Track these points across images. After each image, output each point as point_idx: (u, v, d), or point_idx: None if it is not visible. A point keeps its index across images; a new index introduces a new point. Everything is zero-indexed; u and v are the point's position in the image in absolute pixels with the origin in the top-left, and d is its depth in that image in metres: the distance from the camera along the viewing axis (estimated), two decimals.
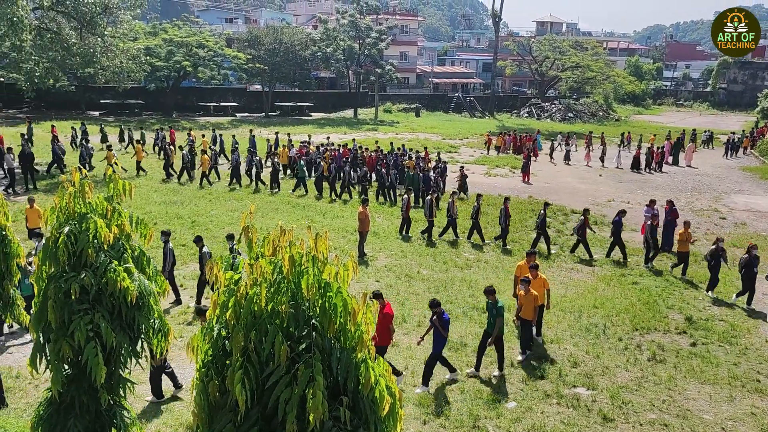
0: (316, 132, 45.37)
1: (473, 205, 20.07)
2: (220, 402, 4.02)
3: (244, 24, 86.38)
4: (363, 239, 18.15)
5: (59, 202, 6.08)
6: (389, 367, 4.32)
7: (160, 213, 21.44)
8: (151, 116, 52.70)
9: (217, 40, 55.31)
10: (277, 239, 4.16)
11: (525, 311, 12.30)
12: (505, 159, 37.46)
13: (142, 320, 6.19)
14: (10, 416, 9.58)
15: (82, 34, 34.03)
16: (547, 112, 67.12)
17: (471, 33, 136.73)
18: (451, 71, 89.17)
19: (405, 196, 20.51)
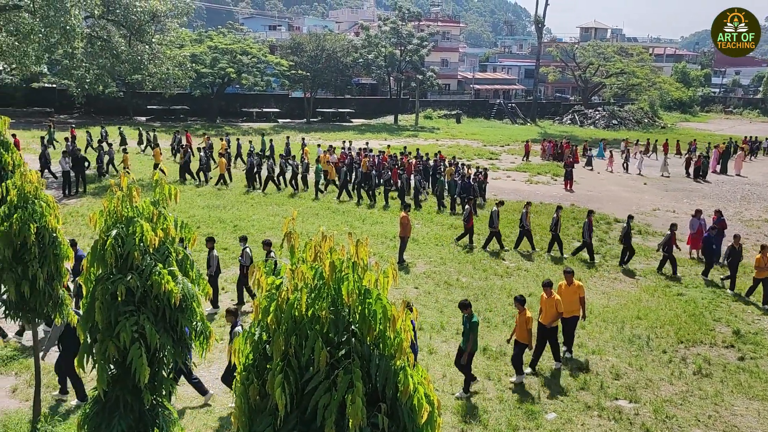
0: (356, 138, 45.62)
1: (552, 217, 19.48)
2: (260, 405, 4.06)
3: (288, 31, 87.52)
4: (404, 245, 18.12)
5: (107, 205, 6.25)
6: (428, 375, 4.31)
7: (203, 217, 21.82)
8: (196, 122, 53.72)
9: (260, 47, 56.16)
10: (319, 245, 4.20)
11: (519, 333, 11.39)
12: (547, 166, 37.04)
13: (185, 322, 6.31)
14: (57, 414, 9.84)
15: (131, 42, 34.96)
16: (590, 119, 66.15)
17: (513, 39, 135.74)
18: (493, 77, 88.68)
19: (467, 207, 20.11)
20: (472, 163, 34.67)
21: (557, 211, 19.58)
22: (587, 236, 18.65)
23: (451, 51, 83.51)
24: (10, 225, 8.09)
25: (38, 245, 8.28)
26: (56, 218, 8.58)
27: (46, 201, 8.53)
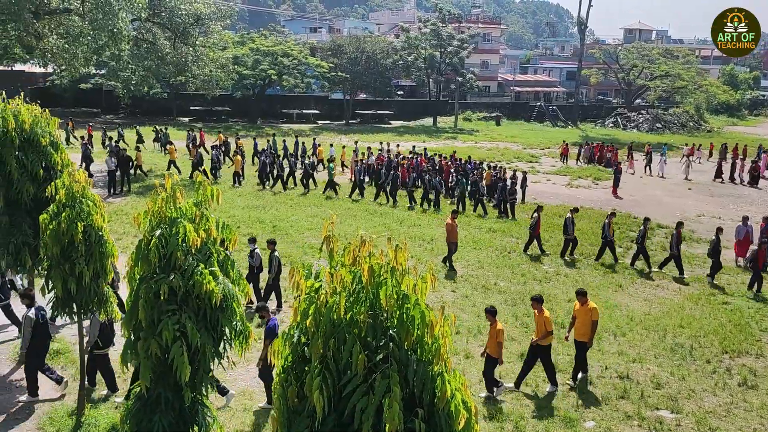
0: (395, 140, 45.67)
1: (639, 230, 18.70)
2: (298, 407, 4.10)
3: (328, 33, 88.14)
4: (450, 251, 17.79)
5: (152, 206, 6.39)
6: (465, 381, 4.29)
7: (243, 217, 22.11)
8: (237, 123, 54.50)
9: (301, 49, 56.71)
10: (357, 249, 4.22)
11: (490, 347, 10.83)
12: (587, 170, 36.51)
13: (225, 322, 6.41)
14: (101, 408, 10.09)
15: (176, 44, 35.68)
16: (633, 122, 64.97)
17: (555, 41, 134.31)
18: (534, 80, 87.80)
19: (535, 215, 19.40)
20: (512, 166, 34.38)
21: (645, 223, 18.78)
22: (675, 248, 17.84)
23: (491, 53, 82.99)
24: (58, 223, 8.32)
25: (85, 243, 8.50)
26: (102, 217, 8.80)
27: (92, 200, 8.76)
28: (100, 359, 10.52)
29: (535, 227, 19.30)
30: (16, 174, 10.20)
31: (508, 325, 13.91)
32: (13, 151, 10.24)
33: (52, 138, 10.85)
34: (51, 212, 8.49)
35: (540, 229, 19.72)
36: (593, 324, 11.34)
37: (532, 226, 19.39)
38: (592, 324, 11.33)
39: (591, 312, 11.33)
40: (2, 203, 10.49)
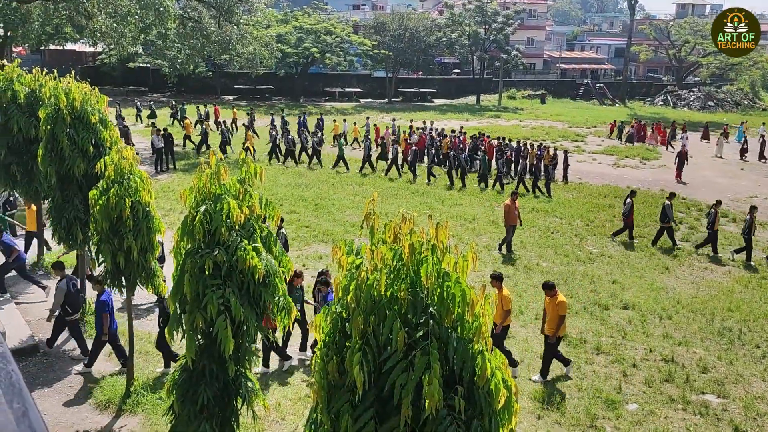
0: (437, 118, 45.35)
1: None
2: (338, 382, 4.15)
3: (371, 10, 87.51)
4: (509, 233, 17.11)
5: (197, 182, 6.50)
6: (506, 360, 4.27)
7: (286, 195, 22.32)
8: (280, 101, 54.83)
9: (344, 27, 56.53)
10: (398, 227, 4.21)
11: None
12: (635, 149, 35.65)
13: (268, 297, 6.50)
14: (150, 379, 10.40)
15: (220, 23, 35.94)
16: (684, 100, 63.00)
17: (603, 16, 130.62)
18: (580, 56, 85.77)
19: (628, 201, 18.52)
20: (557, 145, 33.82)
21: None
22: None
23: (537, 29, 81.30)
24: (107, 199, 8.53)
25: (133, 219, 8.70)
26: (149, 193, 8.99)
27: (140, 177, 8.95)
28: (71, 325, 11.03)
29: (629, 214, 18.38)
30: (68, 150, 10.46)
31: None
32: (64, 128, 10.50)
33: (101, 115, 11.09)
34: (101, 188, 8.70)
35: (633, 216, 18.67)
36: (560, 319, 10.51)
37: (625, 213, 18.49)
38: (559, 319, 10.51)
39: (558, 306, 10.52)
40: (55, 179, 10.79)
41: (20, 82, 13.17)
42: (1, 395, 0.70)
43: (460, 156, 25.87)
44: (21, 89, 13.02)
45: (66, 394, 10.05)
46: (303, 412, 9.54)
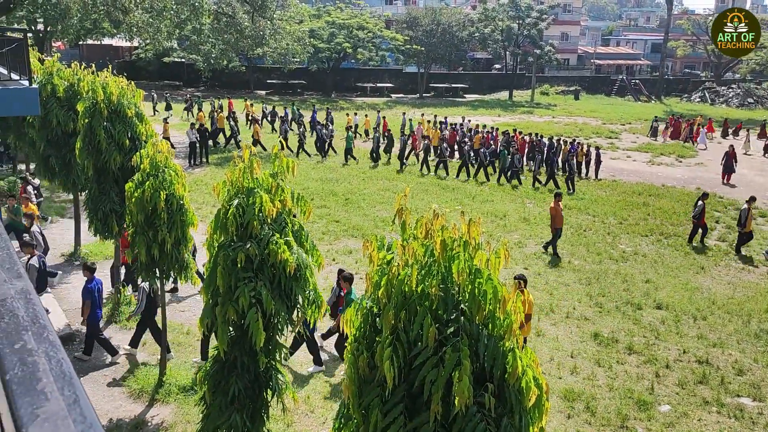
0: (469, 114, 45.12)
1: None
2: (369, 376, 4.16)
3: (404, 5, 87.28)
4: (555, 237, 16.63)
5: (230, 176, 6.57)
6: (537, 358, 4.24)
7: (317, 189, 22.43)
8: (312, 96, 55.07)
9: (376, 22, 56.51)
10: (430, 222, 4.20)
11: None
12: (670, 147, 35.02)
13: (299, 291, 6.55)
14: (182, 368, 10.56)
15: (254, 18, 36.26)
16: (722, 96, 61.66)
17: (640, 11, 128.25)
18: (615, 52, 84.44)
19: (700, 203, 17.90)
20: (590, 141, 33.39)
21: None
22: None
23: (571, 24, 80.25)
24: (142, 192, 8.67)
25: (167, 211, 8.83)
26: (183, 186, 9.11)
27: (174, 170, 9.08)
28: None
29: (700, 216, 17.86)
30: (105, 144, 10.66)
31: (581, 304, 13.64)
32: (101, 122, 10.70)
33: (137, 109, 11.27)
34: (136, 181, 8.85)
35: (705, 219, 18.22)
36: (527, 318, 10.08)
37: (696, 216, 17.96)
38: (526, 317, 10.02)
39: (524, 304, 9.87)
40: (92, 171, 11.01)
41: (59, 77, 13.45)
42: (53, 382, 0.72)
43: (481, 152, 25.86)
44: (60, 83, 13.31)
45: (101, 383, 10.26)
46: (332, 406, 9.60)
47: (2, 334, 0.81)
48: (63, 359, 0.78)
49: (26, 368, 0.73)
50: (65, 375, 0.73)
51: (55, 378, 0.71)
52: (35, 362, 0.74)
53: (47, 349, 0.76)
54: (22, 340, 0.80)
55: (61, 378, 0.71)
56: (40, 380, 0.70)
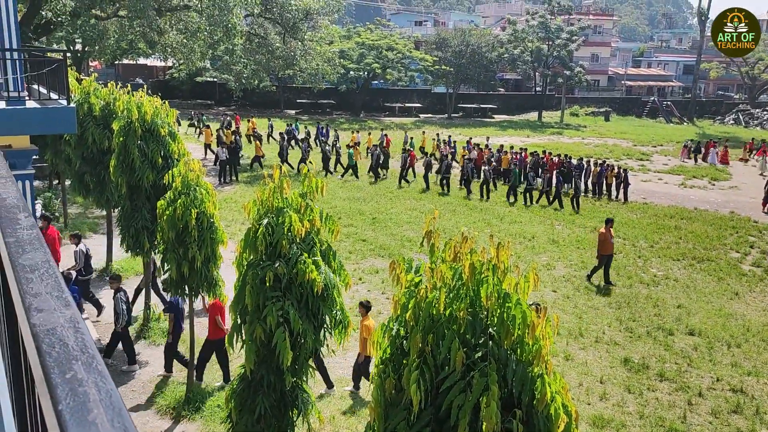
0: (497, 134, 45.04)
1: None
2: (395, 399, 4.14)
3: (433, 26, 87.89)
4: (601, 263, 16.00)
5: (260, 195, 6.64)
6: (566, 384, 4.18)
7: (345, 208, 22.53)
8: (341, 116, 55.51)
9: (405, 43, 56.89)
10: (459, 246, 4.20)
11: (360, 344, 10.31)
12: (703, 170, 34.49)
13: (326, 311, 6.57)
14: (208, 387, 10.63)
15: (285, 39, 36.79)
16: (757, 119, 60.68)
17: (672, 32, 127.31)
18: (647, 74, 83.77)
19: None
20: (621, 163, 33.06)
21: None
22: None
23: (602, 45, 79.92)
24: (174, 210, 8.81)
25: (198, 229, 8.95)
26: (214, 205, 9.24)
27: (205, 188, 9.21)
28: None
29: None
30: (138, 162, 10.87)
31: (611, 329, 13.44)
32: (135, 141, 10.92)
33: (171, 128, 11.48)
34: (168, 199, 8.99)
35: None
36: (363, 341, 10.11)
37: None
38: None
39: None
40: (125, 189, 11.22)
41: (96, 96, 13.79)
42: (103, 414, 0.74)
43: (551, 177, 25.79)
44: (96, 102, 13.64)
45: (129, 398, 10.36)
46: (357, 427, 9.56)
47: (54, 364, 0.84)
48: (112, 390, 0.80)
49: (77, 398, 0.76)
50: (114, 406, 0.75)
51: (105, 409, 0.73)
52: (86, 392, 0.77)
53: (96, 380, 0.79)
54: (72, 370, 0.82)
55: (111, 409, 0.73)
56: (91, 411, 0.72)
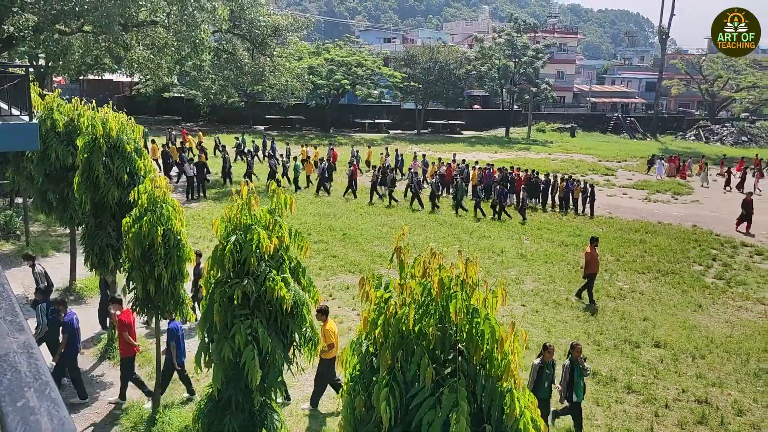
0: (466, 150, 45.45)
1: None
2: (365, 417, 4.11)
3: (402, 43, 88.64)
4: (589, 282, 16.02)
5: (228, 212, 6.58)
6: (535, 399, 4.20)
7: (315, 224, 22.44)
8: (311, 131, 55.47)
9: (375, 60, 57.27)
10: (428, 261, 4.21)
11: None
12: (667, 184, 35.23)
13: (295, 328, 6.51)
14: (174, 408, 10.42)
15: (254, 55, 36.77)
16: (717, 135, 62.31)
17: (634, 51, 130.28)
18: (611, 90, 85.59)
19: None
20: (587, 178, 33.59)
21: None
22: None
23: (567, 63, 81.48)
24: (140, 227, 8.67)
25: (164, 246, 8.81)
26: (181, 222, 9.12)
27: (172, 205, 9.09)
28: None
29: None
30: (103, 179, 10.69)
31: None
32: (100, 157, 10.74)
33: (137, 145, 11.34)
34: (134, 216, 8.85)
35: None
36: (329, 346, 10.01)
37: None
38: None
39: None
40: (89, 206, 11.02)
41: (59, 112, 13.56)
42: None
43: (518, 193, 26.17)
44: (60, 118, 13.41)
45: (93, 420, 10.11)
46: None
47: (5, 392, 0.81)
48: (65, 418, 0.77)
49: (29, 428, 0.73)
50: None
51: None
52: (38, 421, 0.74)
53: (49, 407, 0.76)
54: (24, 398, 0.79)
55: None
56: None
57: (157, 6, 27.09)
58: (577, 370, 9.72)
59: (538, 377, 9.57)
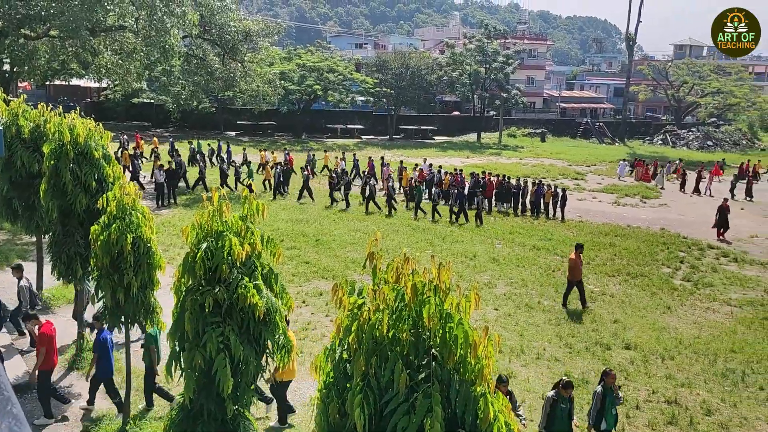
0: (438, 155, 45.66)
1: None
2: (339, 424, 4.09)
3: (373, 49, 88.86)
4: (580, 288, 16.11)
5: (199, 219, 6.50)
6: (509, 403, 4.22)
7: (287, 231, 22.31)
8: (283, 137, 55.22)
9: (346, 65, 57.28)
10: (401, 267, 4.21)
11: None
12: (635, 188, 35.80)
13: (268, 336, 6.45)
14: (145, 418, 10.25)
15: (225, 60, 36.54)
16: (683, 139, 63.55)
17: (602, 57, 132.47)
18: (580, 96, 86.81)
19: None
20: (558, 182, 33.98)
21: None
22: None
23: (537, 69, 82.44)
24: (108, 235, 8.52)
25: (134, 254, 8.67)
26: (151, 229, 8.98)
27: (142, 212, 8.95)
28: None
29: None
30: (70, 186, 10.49)
31: (552, 345, 13.68)
32: (68, 164, 10.54)
33: (105, 151, 11.15)
34: (102, 223, 8.69)
35: None
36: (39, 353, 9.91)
37: None
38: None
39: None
40: (56, 214, 10.80)
41: (25, 118, 13.28)
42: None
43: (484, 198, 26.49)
44: (26, 124, 13.13)
45: (58, 430, 9.89)
46: None
47: None
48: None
49: None
50: None
51: None
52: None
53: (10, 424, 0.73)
54: None
55: None
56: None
57: (126, 11, 26.77)
58: (609, 398, 9.50)
59: (551, 411, 9.33)
